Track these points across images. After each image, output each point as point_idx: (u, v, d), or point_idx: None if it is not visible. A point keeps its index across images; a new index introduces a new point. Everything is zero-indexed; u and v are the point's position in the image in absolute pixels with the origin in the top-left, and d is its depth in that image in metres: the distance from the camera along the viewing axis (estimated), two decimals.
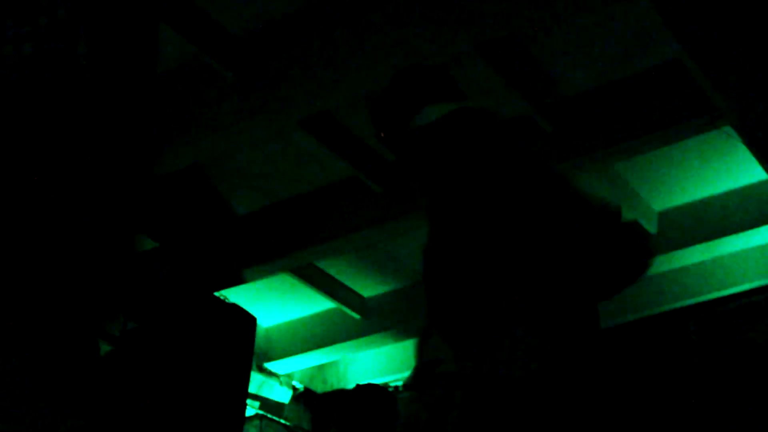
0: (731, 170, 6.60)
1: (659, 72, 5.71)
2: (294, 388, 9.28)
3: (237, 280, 7.53)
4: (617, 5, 5.12)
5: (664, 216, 7.09)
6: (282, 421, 9.15)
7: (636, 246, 2.31)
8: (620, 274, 2.24)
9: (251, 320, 7.58)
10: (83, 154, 3.86)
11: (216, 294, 7.43)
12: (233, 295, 7.62)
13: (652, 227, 7.05)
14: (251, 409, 8.72)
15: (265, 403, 9.10)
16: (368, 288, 8.22)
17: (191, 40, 5.43)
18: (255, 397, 8.89)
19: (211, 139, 6.11)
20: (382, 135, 2.59)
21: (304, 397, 9.35)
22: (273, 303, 8.46)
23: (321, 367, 9.29)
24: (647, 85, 5.77)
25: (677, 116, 5.71)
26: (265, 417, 9.07)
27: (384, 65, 5.43)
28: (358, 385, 5.27)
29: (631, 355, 7.61)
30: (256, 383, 8.81)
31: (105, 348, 7.93)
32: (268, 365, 8.95)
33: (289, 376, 9.24)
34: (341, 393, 9.26)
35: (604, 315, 7.58)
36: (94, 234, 3.67)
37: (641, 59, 5.67)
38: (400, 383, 8.87)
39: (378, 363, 8.98)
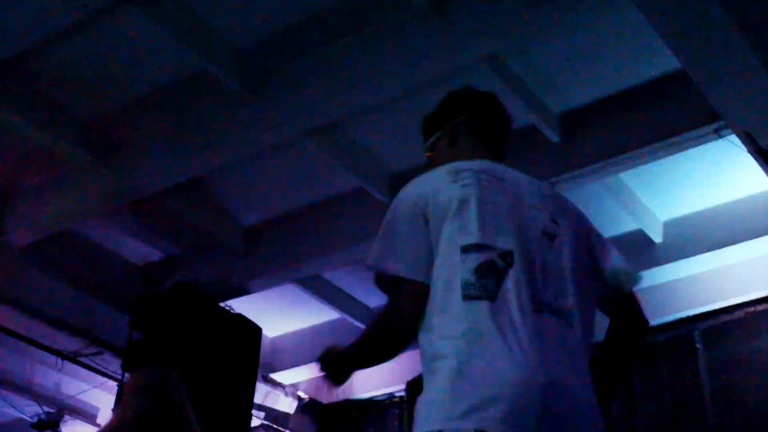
0: (736, 180, 6.61)
1: (663, 82, 5.72)
2: (299, 399, 9.29)
3: (243, 291, 7.54)
4: (621, 15, 5.14)
5: (670, 225, 7.10)
6: (287, 431, 9.16)
7: None
8: None
9: (257, 330, 7.60)
10: None
11: (222, 304, 7.44)
12: (239, 305, 7.63)
13: (657, 237, 7.06)
14: (257, 419, 8.72)
15: (271, 414, 9.11)
16: (374, 298, 8.23)
17: (198, 52, 5.45)
18: (260, 408, 8.90)
19: (216, 150, 6.13)
20: None
21: (309, 408, 9.35)
22: (278, 313, 8.47)
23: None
24: (652, 96, 5.79)
25: (682, 126, 5.72)
26: (271, 427, 9.07)
27: (391, 77, 5.46)
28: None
29: (637, 364, 7.60)
30: (262, 393, 8.82)
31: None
32: (273, 375, 8.96)
33: (295, 387, 9.25)
34: (346, 403, 9.26)
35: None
36: None
37: (646, 69, 5.69)
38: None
39: (384, 373, 8.98)
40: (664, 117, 5.78)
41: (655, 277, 7.26)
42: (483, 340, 2.10)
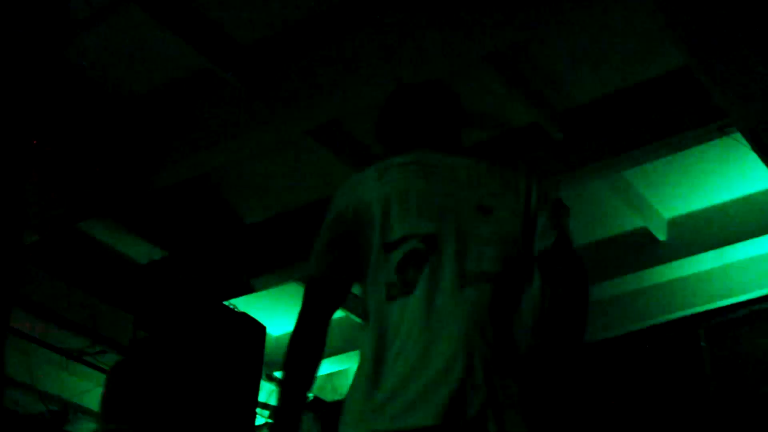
0: (740, 177, 6.59)
1: (668, 79, 5.71)
2: None
3: (246, 289, 7.54)
4: (625, 13, 5.13)
5: (674, 223, 7.09)
6: None
7: None
8: None
9: (261, 329, 7.60)
10: None
11: (226, 303, 7.44)
12: (243, 304, 7.62)
13: (661, 235, 7.04)
14: (261, 418, 8.72)
15: None
16: None
17: (200, 50, 5.45)
18: (265, 406, 8.89)
19: (219, 148, 6.13)
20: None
21: (313, 406, 9.34)
22: (282, 311, 8.46)
23: (331, 376, 9.29)
24: (656, 93, 5.77)
25: (686, 124, 5.71)
26: None
27: (392, 74, 5.45)
28: None
29: (641, 363, 7.60)
30: (266, 392, 8.81)
31: (114, 357, 7.97)
32: (277, 374, 8.95)
33: None
34: None
35: (613, 323, 7.55)
36: None
37: (650, 67, 5.68)
38: None
39: None
40: (668, 115, 5.77)
41: (659, 275, 7.26)
42: (393, 340, 2.12)
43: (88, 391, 8.96)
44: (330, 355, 8.70)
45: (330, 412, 9.39)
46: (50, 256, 7.32)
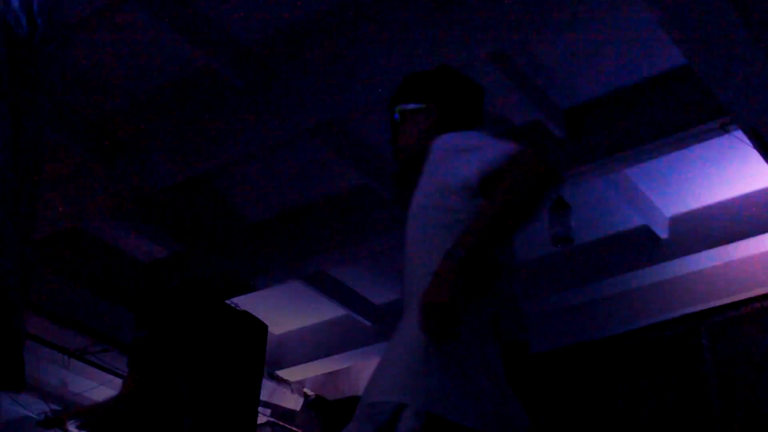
0: (742, 175, 6.59)
1: (670, 77, 5.71)
2: (305, 396, 9.29)
3: (248, 288, 7.54)
4: (627, 10, 5.13)
5: (676, 221, 7.08)
6: (293, 428, 9.16)
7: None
8: None
9: (263, 327, 7.60)
10: None
11: (227, 302, 7.44)
12: (244, 302, 7.63)
13: (663, 232, 7.04)
14: (263, 416, 8.73)
15: (277, 411, 9.11)
16: (379, 295, 8.23)
17: (202, 49, 5.45)
18: (267, 405, 8.90)
19: (222, 147, 6.13)
20: None
21: (315, 405, 9.35)
22: (284, 310, 8.47)
23: (332, 374, 9.29)
24: (658, 91, 5.77)
25: (688, 121, 5.71)
26: (277, 424, 9.08)
27: (395, 73, 5.44)
28: None
29: (642, 360, 7.60)
30: (268, 390, 8.82)
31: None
32: (279, 372, 8.96)
33: (301, 384, 9.25)
34: (353, 400, 9.25)
35: (614, 321, 7.51)
36: None
37: (652, 65, 5.68)
38: None
39: None
40: (669, 112, 5.77)
41: (660, 272, 7.26)
42: None
43: (91, 389, 8.98)
44: (331, 353, 8.72)
45: (331, 409, 9.39)
46: (53, 254, 7.32)
